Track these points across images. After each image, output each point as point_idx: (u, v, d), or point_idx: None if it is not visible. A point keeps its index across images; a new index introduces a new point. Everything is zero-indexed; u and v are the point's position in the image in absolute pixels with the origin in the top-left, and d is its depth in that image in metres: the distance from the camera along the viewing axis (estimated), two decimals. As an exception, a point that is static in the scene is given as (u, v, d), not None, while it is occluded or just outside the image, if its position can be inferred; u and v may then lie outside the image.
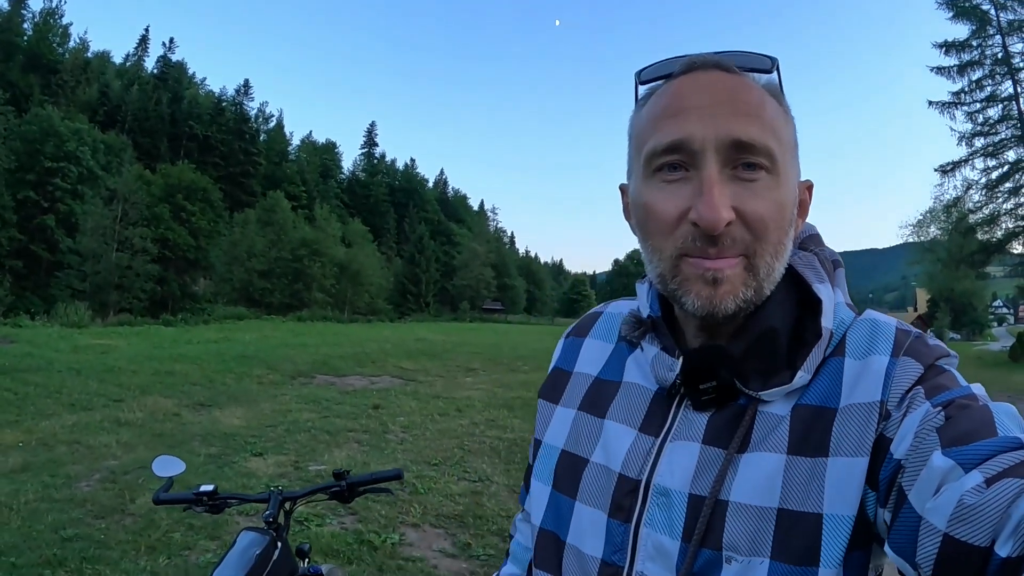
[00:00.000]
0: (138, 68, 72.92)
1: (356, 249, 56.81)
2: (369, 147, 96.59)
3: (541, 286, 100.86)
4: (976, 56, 38.64)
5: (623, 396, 0.73)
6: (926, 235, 50.64)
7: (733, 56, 0.65)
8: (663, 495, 0.63)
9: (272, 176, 71.42)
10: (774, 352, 0.63)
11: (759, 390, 0.62)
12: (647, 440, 0.67)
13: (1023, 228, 37.78)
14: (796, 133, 0.67)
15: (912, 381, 0.58)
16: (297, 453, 6.47)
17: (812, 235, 0.74)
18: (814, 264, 0.69)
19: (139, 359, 12.53)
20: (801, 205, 0.68)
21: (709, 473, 0.62)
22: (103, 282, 40.26)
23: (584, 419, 0.75)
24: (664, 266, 0.63)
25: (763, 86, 0.65)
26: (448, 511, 4.97)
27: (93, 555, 3.82)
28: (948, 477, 0.48)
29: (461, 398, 10.78)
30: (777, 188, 0.61)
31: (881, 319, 0.65)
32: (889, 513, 0.53)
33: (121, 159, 49.98)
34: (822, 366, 0.63)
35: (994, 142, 39.39)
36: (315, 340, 20.64)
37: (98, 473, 5.45)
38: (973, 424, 0.51)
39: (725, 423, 0.63)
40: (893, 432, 0.55)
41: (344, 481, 1.84)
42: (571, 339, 0.86)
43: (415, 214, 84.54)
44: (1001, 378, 18.82)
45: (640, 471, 0.66)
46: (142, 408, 8.10)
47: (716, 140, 0.59)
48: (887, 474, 0.54)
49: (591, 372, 0.79)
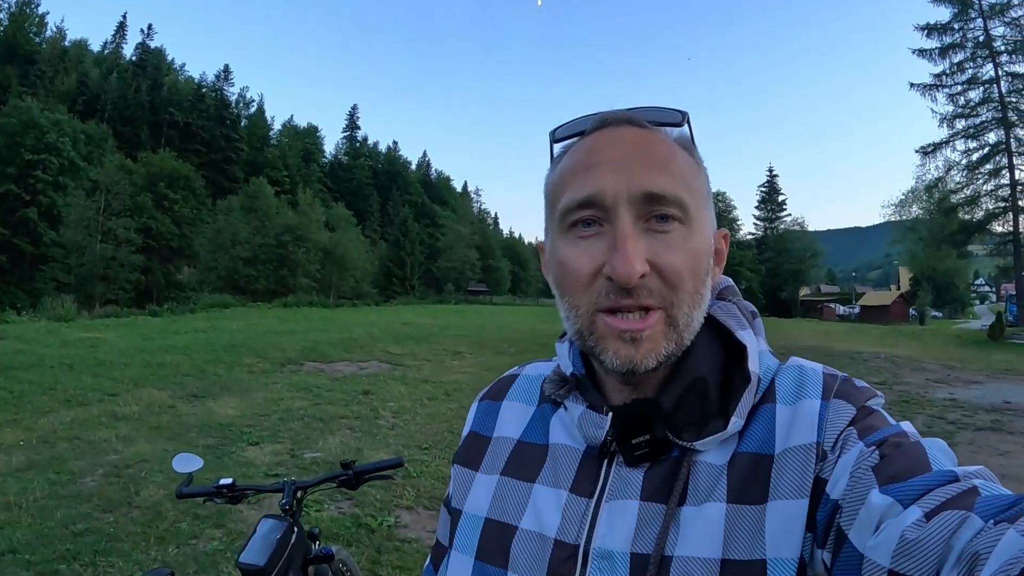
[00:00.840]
0: (116, 56, 72.04)
1: (340, 233, 56.44)
2: (351, 130, 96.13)
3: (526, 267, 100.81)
4: (958, 39, 39.05)
5: (551, 459, 0.71)
6: (908, 214, 51.41)
7: (644, 112, 0.67)
8: (605, 558, 0.61)
9: (254, 162, 71.04)
10: (706, 401, 0.64)
11: (693, 440, 0.62)
12: (581, 502, 0.65)
13: (1003, 208, 38.34)
14: (708, 184, 0.68)
15: (845, 422, 0.59)
16: (292, 441, 6.65)
17: (728, 286, 0.74)
18: (734, 312, 0.70)
19: (129, 351, 12.60)
20: (717, 254, 0.69)
21: (651, 530, 0.61)
22: (88, 274, 39.98)
23: (509, 484, 0.72)
24: (581, 322, 0.63)
25: (675, 139, 0.66)
26: (440, 493, 5.17)
27: (105, 548, 3.96)
28: (887, 514, 0.49)
29: (449, 382, 10.97)
30: (691, 238, 0.62)
31: (807, 365, 0.66)
32: (828, 554, 0.53)
33: (102, 149, 49.66)
34: (755, 414, 0.63)
35: (975, 124, 39.91)
36: (302, 326, 20.71)
37: (101, 468, 5.58)
38: (908, 461, 0.52)
39: (662, 477, 0.63)
40: (828, 473, 0.56)
41: (351, 470, 2.06)
42: (486, 403, 0.84)
43: (398, 197, 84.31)
44: (979, 357, 19.17)
45: (577, 535, 0.64)
46: (137, 401, 8.21)
47: (628, 194, 0.60)
48: (824, 515, 0.54)
49: (512, 435, 0.77)
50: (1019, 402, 10.71)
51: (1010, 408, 10.07)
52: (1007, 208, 37.97)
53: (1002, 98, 37.86)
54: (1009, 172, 37.88)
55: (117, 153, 51.83)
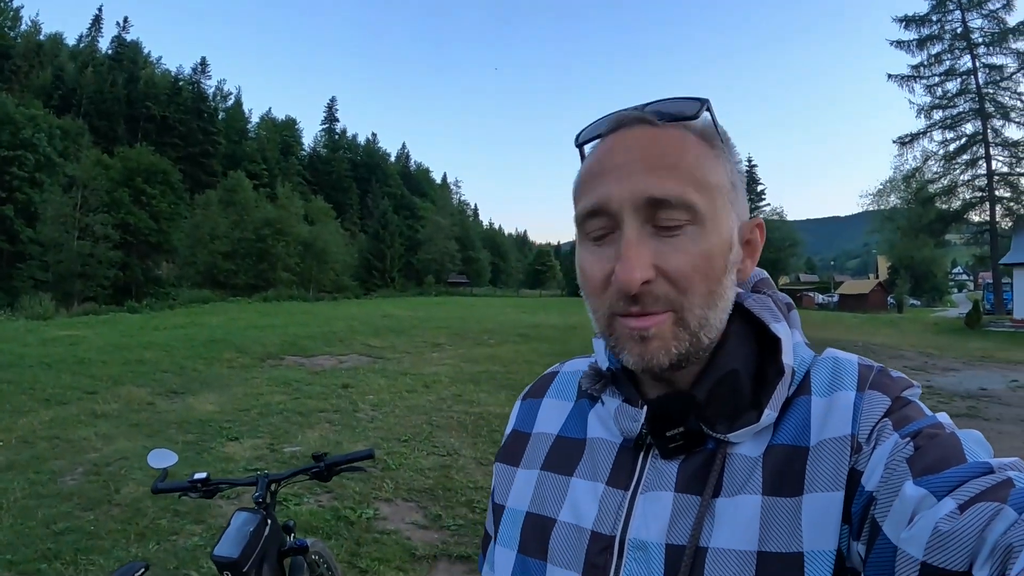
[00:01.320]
0: (92, 49, 71.06)
1: (320, 226, 56.15)
2: (330, 123, 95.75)
3: (506, 258, 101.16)
4: (936, 31, 39.50)
5: (588, 452, 0.72)
6: (886, 204, 51.94)
7: (661, 105, 0.65)
8: (640, 549, 0.62)
9: (232, 155, 70.49)
10: (738, 393, 0.63)
11: (726, 433, 0.63)
12: (617, 494, 0.66)
13: (980, 198, 38.92)
14: (735, 172, 0.66)
15: (880, 414, 0.59)
16: (272, 436, 6.66)
17: (763, 279, 0.74)
18: (769, 305, 0.69)
19: (108, 349, 12.50)
20: (749, 245, 0.68)
21: (686, 521, 0.61)
22: (66, 271, 39.50)
23: (548, 479, 0.73)
24: (601, 325, 0.65)
25: (695, 130, 0.64)
26: (419, 485, 5.24)
27: (86, 546, 3.96)
28: (921, 506, 0.49)
29: (428, 374, 10.97)
30: (703, 239, 0.60)
31: (842, 356, 0.66)
32: (863, 546, 0.53)
33: (78, 144, 48.96)
34: (790, 406, 0.63)
35: (952, 115, 40.45)
36: (282, 320, 20.62)
37: (81, 466, 5.57)
38: (942, 452, 0.52)
39: (696, 469, 0.63)
40: (863, 465, 0.56)
41: (323, 462, 2.11)
42: (528, 401, 0.85)
43: (378, 189, 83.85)
44: (956, 344, 19.46)
45: (613, 526, 0.64)
46: (116, 399, 8.18)
47: (632, 200, 0.60)
48: (859, 507, 0.54)
49: (551, 431, 0.78)
50: (995, 388, 10.95)
51: (986, 395, 10.30)
52: (984, 198, 38.60)
53: (979, 89, 38.41)
54: (986, 162, 38.49)
55: (93, 148, 51.05)
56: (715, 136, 0.65)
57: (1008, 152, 38.28)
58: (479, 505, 4.81)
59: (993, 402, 9.61)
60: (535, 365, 12.18)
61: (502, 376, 10.90)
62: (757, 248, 0.69)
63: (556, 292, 77.95)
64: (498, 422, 7.38)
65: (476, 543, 4.15)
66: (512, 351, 14.56)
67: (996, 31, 37.12)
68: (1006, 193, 38.27)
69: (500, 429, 7.02)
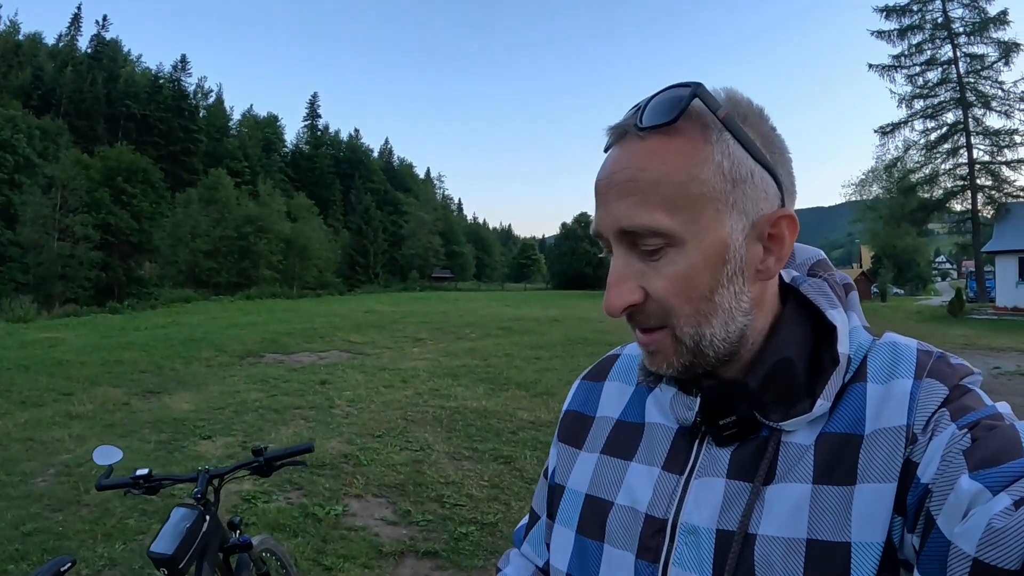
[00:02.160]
0: (71, 48, 70.42)
1: (302, 223, 56.18)
2: (312, 119, 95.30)
3: (490, 252, 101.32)
4: (916, 20, 39.69)
5: (646, 437, 0.73)
6: (869, 194, 52.32)
7: (650, 107, 0.62)
8: (691, 533, 0.63)
9: (214, 153, 70.30)
10: (792, 382, 0.63)
11: (780, 421, 0.62)
12: (671, 479, 0.67)
13: (962, 187, 39.24)
14: (737, 164, 0.60)
15: (937, 403, 0.57)
16: (245, 433, 6.62)
17: (819, 261, 0.74)
18: (825, 290, 0.68)
19: (87, 350, 12.38)
20: (772, 240, 0.63)
21: (736, 507, 0.62)
22: (46, 273, 39.34)
23: (607, 462, 0.75)
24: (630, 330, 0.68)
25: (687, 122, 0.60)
26: (390, 480, 5.22)
27: (53, 547, 3.94)
28: (976, 500, 0.48)
29: (407, 369, 10.92)
30: (681, 259, 0.60)
31: (901, 341, 0.65)
32: (917, 538, 0.52)
33: (58, 144, 48.53)
34: (844, 393, 0.63)
35: (933, 104, 40.68)
36: (264, 318, 20.47)
37: (52, 468, 5.53)
38: (1000, 445, 0.51)
39: (749, 456, 0.64)
40: (919, 456, 0.55)
41: (262, 457, 2.11)
42: (588, 383, 0.86)
43: (361, 185, 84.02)
44: (939, 332, 19.55)
45: (666, 510, 0.66)
46: (92, 400, 8.10)
47: (612, 230, 0.61)
48: (914, 499, 0.54)
49: (612, 415, 0.79)
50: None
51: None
52: (965, 186, 38.90)
53: (960, 79, 38.66)
54: (967, 151, 38.78)
55: (73, 148, 50.65)
56: (710, 127, 0.60)
57: (989, 141, 38.58)
58: (449, 500, 4.80)
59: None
60: (514, 358, 12.18)
61: (481, 370, 10.87)
62: (784, 242, 0.64)
63: (541, 285, 78.13)
64: (474, 416, 7.37)
65: (444, 539, 4.15)
66: (492, 345, 14.53)
67: (977, 20, 37.39)
68: (987, 182, 38.58)
69: (475, 423, 7.05)
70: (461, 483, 5.18)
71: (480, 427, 6.92)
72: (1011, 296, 28.45)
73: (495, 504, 4.74)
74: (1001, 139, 37.97)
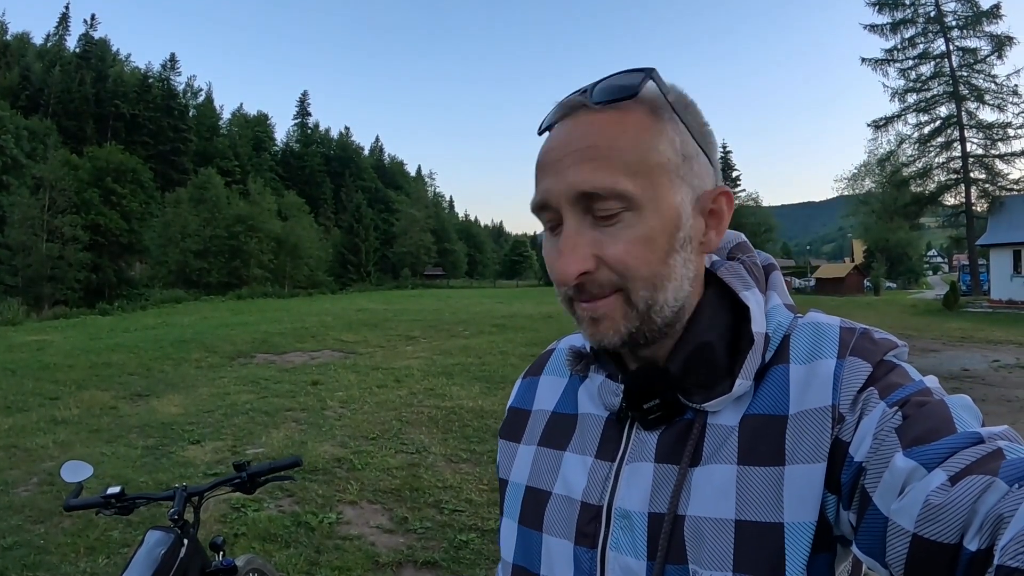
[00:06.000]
0: (60, 48, 69.75)
1: (293, 222, 55.85)
2: (302, 117, 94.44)
3: (482, 249, 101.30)
4: (909, 14, 39.65)
5: (579, 427, 0.74)
6: (861, 188, 52.29)
7: (602, 85, 0.63)
8: (624, 517, 0.64)
9: (203, 152, 69.74)
10: (712, 364, 0.64)
11: (702, 402, 0.63)
12: (604, 466, 0.68)
13: (955, 181, 39.25)
14: (689, 141, 0.64)
15: (862, 382, 0.58)
16: (235, 437, 6.46)
17: (740, 243, 0.75)
18: (740, 272, 0.69)
19: (75, 353, 12.25)
20: (713, 215, 0.66)
21: (665, 490, 0.63)
22: (35, 275, 38.94)
23: (544, 454, 0.76)
24: (565, 307, 0.67)
25: (638, 104, 0.62)
26: (385, 486, 5.05)
27: (34, 561, 3.79)
28: (912, 477, 0.49)
29: (400, 367, 10.79)
30: (640, 223, 0.60)
31: (823, 320, 0.66)
32: (854, 515, 0.54)
33: (46, 144, 47.97)
34: (767, 374, 0.63)
35: (926, 98, 40.68)
36: (255, 318, 20.40)
37: (36, 476, 5.37)
38: (932, 422, 0.52)
39: (675, 439, 0.65)
40: (849, 436, 0.56)
41: (245, 472, 1.92)
42: (528, 379, 0.87)
43: (352, 183, 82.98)
44: (935, 325, 19.61)
45: (600, 497, 0.67)
46: (78, 404, 7.94)
47: (567, 195, 0.61)
48: (848, 477, 0.54)
49: (547, 408, 0.81)
50: (977, 368, 10.98)
51: (969, 375, 10.30)
52: (958, 180, 38.87)
53: (953, 72, 38.62)
54: (960, 145, 38.74)
55: (62, 148, 50.13)
56: (662, 107, 0.63)
57: (983, 134, 38.54)
58: (447, 506, 4.64)
59: (977, 382, 9.61)
60: (509, 356, 12.06)
61: (476, 368, 10.73)
62: (723, 217, 0.67)
63: (533, 282, 78.05)
64: (470, 416, 7.20)
65: (444, 547, 4.00)
66: (486, 342, 14.40)
67: (970, 14, 37.32)
68: (981, 175, 38.55)
69: (472, 424, 6.89)
70: (460, 487, 5.02)
71: (477, 427, 6.76)
72: (1005, 289, 28.55)
73: (496, 509, 4.56)
74: (995, 132, 37.92)
